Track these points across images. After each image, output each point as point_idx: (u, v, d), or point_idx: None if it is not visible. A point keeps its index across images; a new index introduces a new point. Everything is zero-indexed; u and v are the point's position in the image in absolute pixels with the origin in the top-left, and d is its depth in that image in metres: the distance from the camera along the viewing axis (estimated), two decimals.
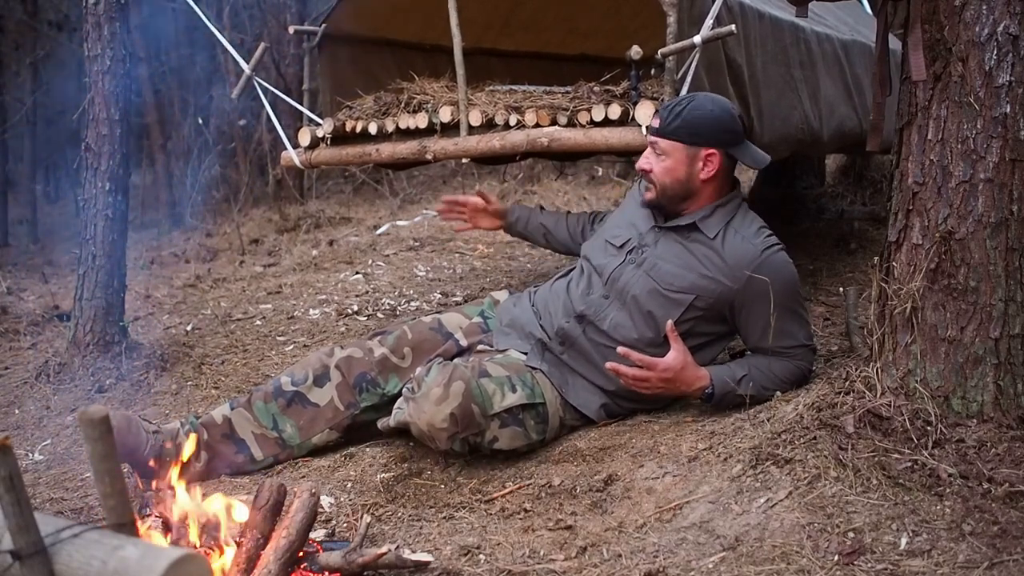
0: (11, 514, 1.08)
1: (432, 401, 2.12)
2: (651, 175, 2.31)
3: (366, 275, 4.70)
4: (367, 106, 3.35)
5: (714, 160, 2.27)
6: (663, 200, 2.33)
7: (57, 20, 10.86)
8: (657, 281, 2.28)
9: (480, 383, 2.19)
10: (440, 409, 2.11)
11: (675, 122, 2.25)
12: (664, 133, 2.28)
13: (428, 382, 2.16)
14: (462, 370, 2.18)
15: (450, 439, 2.15)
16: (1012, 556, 1.50)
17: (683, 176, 2.28)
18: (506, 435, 2.22)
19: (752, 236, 2.27)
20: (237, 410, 2.38)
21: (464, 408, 2.13)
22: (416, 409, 2.14)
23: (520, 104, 2.93)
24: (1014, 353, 1.82)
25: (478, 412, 2.15)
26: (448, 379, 2.14)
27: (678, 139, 2.27)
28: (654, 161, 2.31)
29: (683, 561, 1.67)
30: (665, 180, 2.29)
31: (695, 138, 2.26)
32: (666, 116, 2.27)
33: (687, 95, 2.35)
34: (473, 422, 2.16)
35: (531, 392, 2.26)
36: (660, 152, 2.29)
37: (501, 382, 2.23)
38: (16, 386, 3.31)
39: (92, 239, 3.25)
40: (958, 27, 1.81)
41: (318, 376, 2.39)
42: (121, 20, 3.23)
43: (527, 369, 2.33)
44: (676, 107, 2.27)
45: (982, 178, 1.80)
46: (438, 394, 2.12)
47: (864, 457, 1.77)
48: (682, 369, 2.19)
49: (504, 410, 2.20)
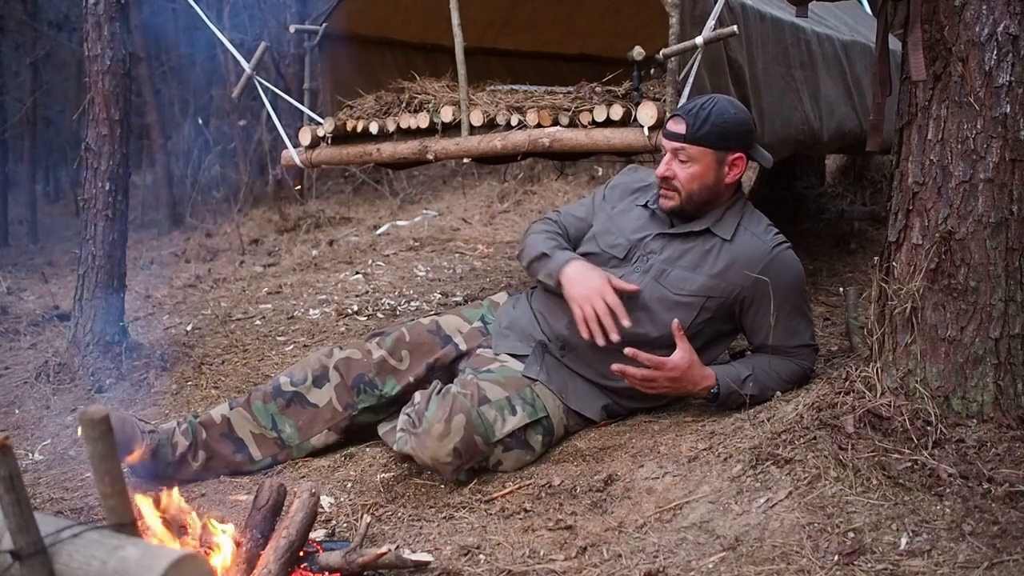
0: (11, 514, 1.08)
1: (434, 437, 2.12)
2: (674, 182, 2.26)
3: (366, 275, 4.70)
4: (368, 105, 3.36)
5: (740, 164, 2.26)
6: (687, 207, 2.28)
7: (57, 20, 10.87)
8: (667, 287, 2.26)
9: (480, 411, 2.17)
10: (443, 445, 2.11)
11: (704, 127, 2.21)
12: (693, 139, 2.22)
13: (429, 417, 2.14)
14: (461, 401, 2.16)
15: (455, 471, 2.16)
16: (1012, 556, 1.50)
17: (711, 181, 2.25)
18: (511, 458, 2.22)
19: (762, 233, 2.28)
20: (236, 410, 2.38)
21: (467, 441, 2.13)
22: (419, 445, 2.14)
23: (521, 104, 2.93)
24: (1014, 353, 1.82)
25: (481, 442, 2.15)
26: (449, 413, 2.13)
27: (708, 144, 2.22)
28: (677, 168, 2.25)
29: (683, 561, 1.66)
30: (693, 187, 2.25)
31: (724, 142, 2.23)
32: (692, 122, 2.21)
33: (706, 98, 2.29)
34: (477, 452, 2.16)
35: (532, 409, 2.24)
36: (686, 158, 2.24)
37: (501, 406, 2.21)
38: (16, 386, 3.31)
39: (92, 239, 3.25)
40: (958, 27, 1.81)
41: (317, 377, 2.39)
42: (121, 20, 3.23)
43: (526, 383, 2.29)
44: (700, 112, 2.22)
45: (982, 178, 1.80)
46: (440, 430, 2.12)
47: (864, 457, 1.77)
48: (689, 368, 2.18)
49: (507, 435, 2.19)
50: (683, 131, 2.23)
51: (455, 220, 6.40)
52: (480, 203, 6.96)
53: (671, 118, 2.30)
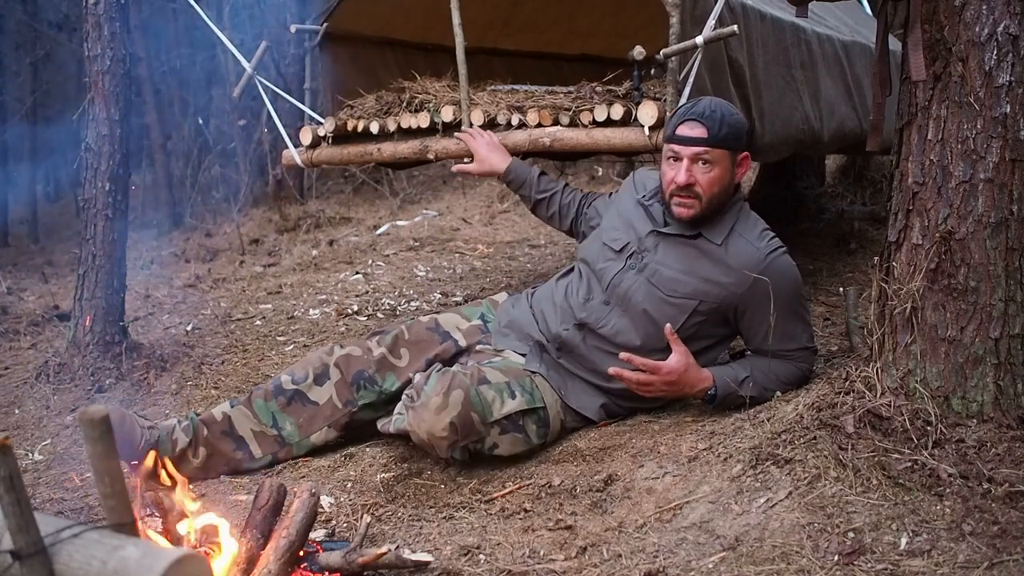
0: (11, 514, 1.08)
1: (432, 410, 2.12)
2: (695, 188, 2.22)
3: (366, 275, 4.70)
4: (368, 105, 3.35)
5: (746, 162, 2.28)
6: (707, 212, 2.25)
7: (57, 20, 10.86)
8: (659, 288, 2.26)
9: (479, 390, 2.18)
10: (440, 418, 2.12)
11: (724, 130, 2.20)
12: (716, 142, 2.20)
13: (427, 391, 2.16)
14: (461, 378, 2.18)
15: (450, 447, 2.16)
16: (1012, 556, 1.50)
17: (728, 183, 2.26)
18: (506, 441, 2.22)
19: (756, 239, 2.26)
20: (237, 407, 2.39)
21: (463, 416, 2.13)
22: (416, 418, 2.15)
23: (522, 104, 2.93)
24: (1014, 353, 1.82)
25: (477, 420, 2.16)
26: (447, 388, 2.14)
27: (727, 146, 2.22)
28: (698, 173, 2.22)
29: (683, 561, 1.66)
30: (714, 190, 2.23)
31: (737, 143, 2.24)
32: (713, 125, 2.19)
33: (707, 100, 2.28)
34: (473, 430, 2.16)
35: (531, 397, 2.26)
36: (708, 162, 2.21)
37: (500, 388, 2.22)
38: (16, 386, 3.31)
39: (92, 239, 3.25)
40: (958, 27, 1.81)
41: (318, 375, 2.40)
42: (121, 20, 3.23)
43: (526, 373, 2.31)
44: (715, 114, 2.20)
45: (982, 178, 1.80)
46: (437, 403, 2.12)
47: (864, 457, 1.77)
48: (685, 371, 2.19)
49: (503, 417, 2.19)
50: (704, 135, 2.20)
51: (455, 220, 6.40)
52: (480, 203, 6.96)
53: (683, 123, 2.24)
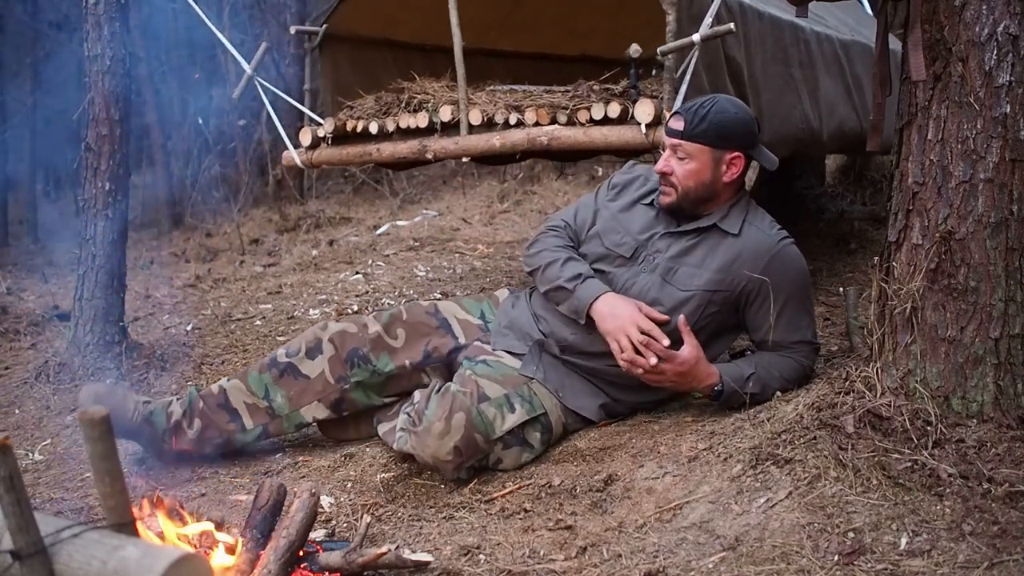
0: (11, 514, 1.08)
1: (435, 436, 2.13)
2: (671, 178, 2.27)
3: (366, 275, 4.70)
4: (368, 106, 3.36)
5: (738, 163, 2.27)
6: (684, 203, 2.29)
7: (57, 20, 10.85)
8: (674, 285, 2.27)
9: (480, 409, 2.18)
10: (444, 443, 2.13)
11: (701, 125, 2.22)
12: (690, 136, 2.23)
13: (429, 416, 2.16)
14: (461, 399, 2.18)
15: (456, 469, 2.18)
16: (1012, 556, 1.50)
17: (708, 179, 2.26)
18: (510, 455, 2.23)
19: (767, 228, 2.30)
20: (233, 381, 2.45)
21: (467, 439, 2.14)
22: (419, 443, 2.16)
23: (520, 103, 2.93)
24: (1014, 353, 1.82)
25: (481, 440, 2.17)
26: (448, 412, 2.15)
27: (705, 142, 2.23)
28: (675, 164, 2.27)
29: (683, 561, 1.66)
30: (689, 183, 2.26)
31: (721, 141, 2.24)
32: (691, 119, 2.23)
33: (707, 96, 2.30)
34: (477, 450, 2.17)
35: (530, 406, 2.26)
36: (683, 155, 2.25)
37: (500, 403, 2.22)
38: (16, 386, 3.31)
39: (92, 239, 3.25)
40: (958, 27, 1.81)
41: (311, 348, 2.42)
42: (121, 20, 3.23)
43: (523, 380, 2.30)
44: (700, 109, 2.23)
45: (982, 178, 1.80)
46: (440, 428, 2.13)
47: (864, 457, 1.77)
48: (696, 364, 2.19)
49: (506, 432, 2.20)
50: (681, 128, 2.25)
51: (455, 220, 6.40)
52: (480, 203, 6.96)
53: (673, 115, 2.30)
